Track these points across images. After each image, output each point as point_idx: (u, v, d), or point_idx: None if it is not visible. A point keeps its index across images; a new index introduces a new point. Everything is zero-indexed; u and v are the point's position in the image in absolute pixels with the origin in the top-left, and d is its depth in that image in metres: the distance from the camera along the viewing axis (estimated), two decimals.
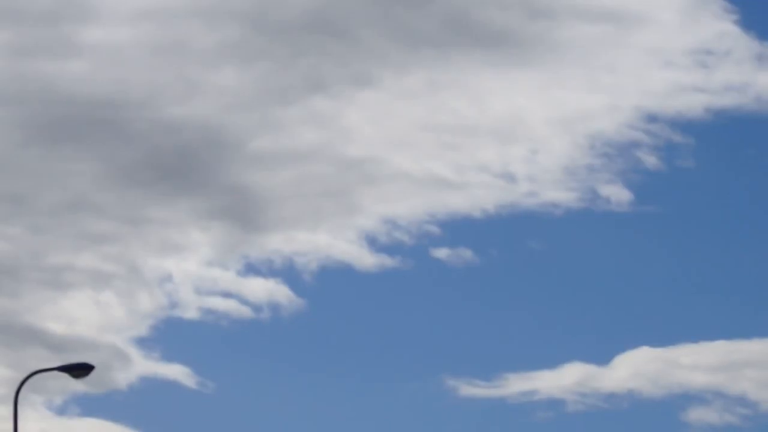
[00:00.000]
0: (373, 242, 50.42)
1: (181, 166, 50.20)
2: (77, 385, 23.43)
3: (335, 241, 51.79)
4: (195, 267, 50.38)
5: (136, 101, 49.43)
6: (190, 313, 50.55)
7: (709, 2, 46.49)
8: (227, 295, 51.12)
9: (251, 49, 51.96)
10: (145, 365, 46.65)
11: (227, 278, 51.63)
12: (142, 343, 50.33)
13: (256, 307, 50.54)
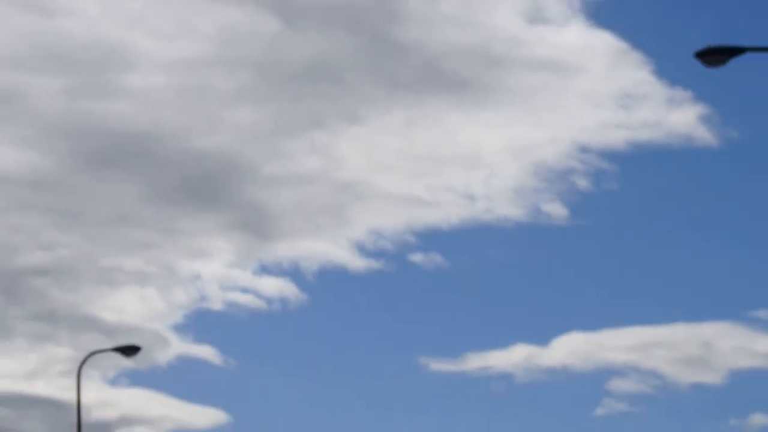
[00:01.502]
0: (361, 249, 63.18)
1: (206, 188, 62.40)
2: (126, 363, 28.24)
3: (331, 248, 63.53)
4: (219, 268, 61.91)
5: (169, 135, 59.50)
6: (216, 305, 61.33)
7: (629, 56, 58.39)
8: (245, 290, 62.91)
9: (262, 92, 64.29)
10: (180, 346, 57.56)
11: (245, 277, 62.77)
12: (178, 328, 62.35)
13: (269, 300, 62.43)
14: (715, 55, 10.33)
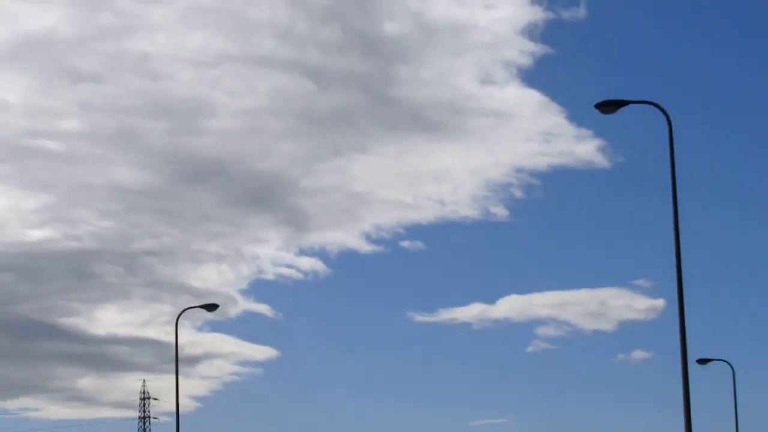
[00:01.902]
0: (368, 237, 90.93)
1: (262, 196, 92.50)
2: (208, 315, 40.68)
3: (347, 237, 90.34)
4: (271, 251, 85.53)
5: (238, 160, 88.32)
6: (269, 276, 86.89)
7: (549, 106, 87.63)
8: (289, 266, 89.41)
9: (300, 131, 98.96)
10: (244, 304, 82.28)
11: (289, 257, 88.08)
12: (243, 292, 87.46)
13: (305, 273, 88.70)
14: (607, 106, 17.02)
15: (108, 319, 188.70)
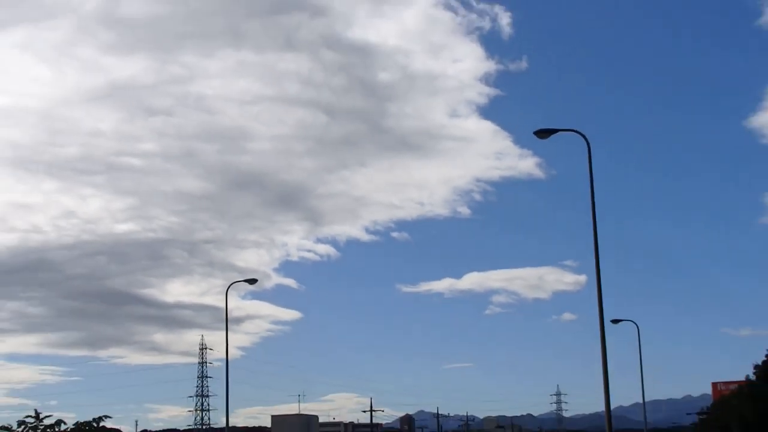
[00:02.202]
0: (367, 230, 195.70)
1: (288, 200, 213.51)
2: (249, 287, 50.82)
3: (352, 229, 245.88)
4: (296, 239, 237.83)
5: (271, 173, 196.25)
6: (294, 258, 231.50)
7: (500, 133, 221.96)
8: (309, 251, 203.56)
9: (318, 151, 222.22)
10: (277, 279, 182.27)
11: (309, 244, 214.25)
12: (276, 270, 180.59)
13: (321, 256, 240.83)
14: (542, 133, 22.41)
15: (175, 290, 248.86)
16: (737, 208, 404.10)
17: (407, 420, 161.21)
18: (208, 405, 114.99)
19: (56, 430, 38.22)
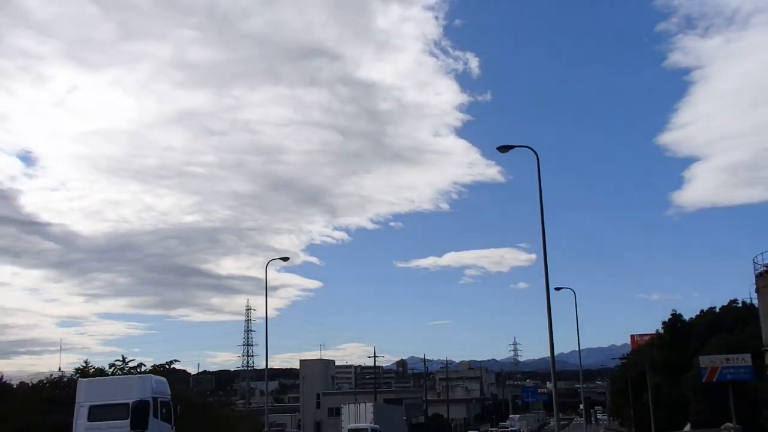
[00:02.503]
0: (372, 220, 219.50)
1: (313, 198, 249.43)
2: (284, 263, 57.08)
3: (360, 220, 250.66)
4: (318, 227, 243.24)
5: (300, 178, 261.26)
6: (317, 242, 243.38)
7: (471, 149, 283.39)
8: (328, 236, 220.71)
9: (334, 162, 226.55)
10: (304, 257, 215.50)
11: (328, 231, 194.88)
12: (303, 250, 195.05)
13: (337, 239, 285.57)
14: (503, 148, 25.24)
15: (227, 265, 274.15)
16: (649, 205, 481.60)
17: (401, 363, 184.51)
18: (252, 352, 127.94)
19: (138, 371, 40.61)
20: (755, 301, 44.87)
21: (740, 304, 55.13)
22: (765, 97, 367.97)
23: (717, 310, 57.74)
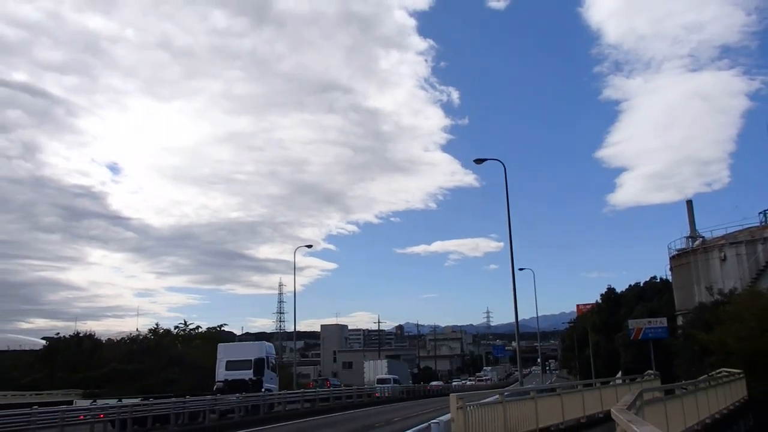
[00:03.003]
0: (377, 216, 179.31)
1: (331, 199, 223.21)
2: (308, 250, 48.65)
3: (368, 216, 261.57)
4: (335, 222, 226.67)
5: (320, 184, 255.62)
6: (334, 233, 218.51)
7: (454, 162, 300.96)
8: (343, 229, 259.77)
9: (347, 171, 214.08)
10: (324, 245, 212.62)
11: (343, 225, 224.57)
12: (323, 239, 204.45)
13: (350, 232, 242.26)
14: (478, 160, 25.78)
15: (265, 251, 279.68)
16: (590, 204, 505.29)
17: (400, 327, 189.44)
18: (284, 318, 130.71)
19: (196, 332, 41.59)
20: (669, 277, 45.61)
21: (658, 280, 55.82)
22: (673, 122, 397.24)
23: (641, 284, 58.47)
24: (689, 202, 45.03)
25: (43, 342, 46.68)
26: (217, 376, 27.10)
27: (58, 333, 44.07)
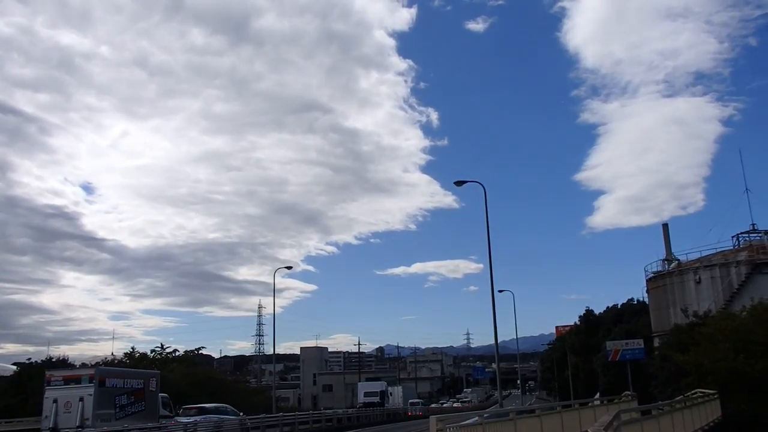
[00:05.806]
0: (356, 237, 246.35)
1: (311, 220, 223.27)
2: (287, 271, 50.19)
3: (347, 237, 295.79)
4: (314, 243, 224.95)
5: (300, 204, 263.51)
6: (314, 254, 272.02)
7: (433, 183, 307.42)
8: (322, 250, 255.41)
9: (327, 192, 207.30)
10: (303, 266, 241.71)
11: (322, 246, 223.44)
12: (302, 261, 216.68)
13: (329, 253, 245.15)
14: (457, 182, 25.92)
15: (244, 272, 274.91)
16: (569, 226, 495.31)
17: (380, 350, 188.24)
18: (262, 341, 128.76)
19: (172, 356, 40.72)
20: (646, 299, 46.24)
21: (636, 302, 56.53)
22: (649, 146, 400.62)
23: (619, 306, 59.08)
24: (665, 226, 45.98)
25: (14, 368, 45.07)
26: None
27: (30, 358, 42.60)
